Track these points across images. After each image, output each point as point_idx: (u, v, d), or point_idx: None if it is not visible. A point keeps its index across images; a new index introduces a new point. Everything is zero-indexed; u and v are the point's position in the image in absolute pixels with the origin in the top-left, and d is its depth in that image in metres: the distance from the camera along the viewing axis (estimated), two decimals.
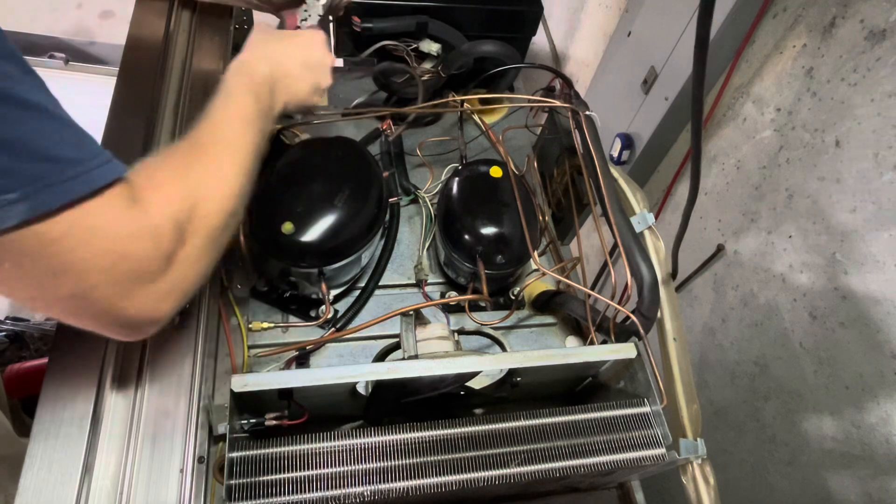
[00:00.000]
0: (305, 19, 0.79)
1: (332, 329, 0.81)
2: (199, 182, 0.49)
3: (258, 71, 0.62)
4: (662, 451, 0.61)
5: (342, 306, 0.84)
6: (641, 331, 0.65)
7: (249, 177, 0.55)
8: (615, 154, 1.19)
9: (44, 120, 0.37)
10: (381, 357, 0.79)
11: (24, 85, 0.36)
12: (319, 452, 0.55)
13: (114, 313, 0.42)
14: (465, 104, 1.00)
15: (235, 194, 0.52)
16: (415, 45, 1.00)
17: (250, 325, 0.77)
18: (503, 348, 0.84)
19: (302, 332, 0.81)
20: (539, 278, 0.86)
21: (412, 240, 0.94)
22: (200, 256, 0.48)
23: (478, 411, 0.78)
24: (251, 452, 0.54)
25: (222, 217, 0.50)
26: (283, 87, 0.65)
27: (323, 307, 0.80)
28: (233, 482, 0.52)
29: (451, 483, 0.55)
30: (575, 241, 0.89)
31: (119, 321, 0.44)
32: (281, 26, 0.81)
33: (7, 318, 1.62)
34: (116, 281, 0.41)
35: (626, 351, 0.65)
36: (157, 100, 0.79)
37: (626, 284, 0.72)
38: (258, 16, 0.96)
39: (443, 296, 0.88)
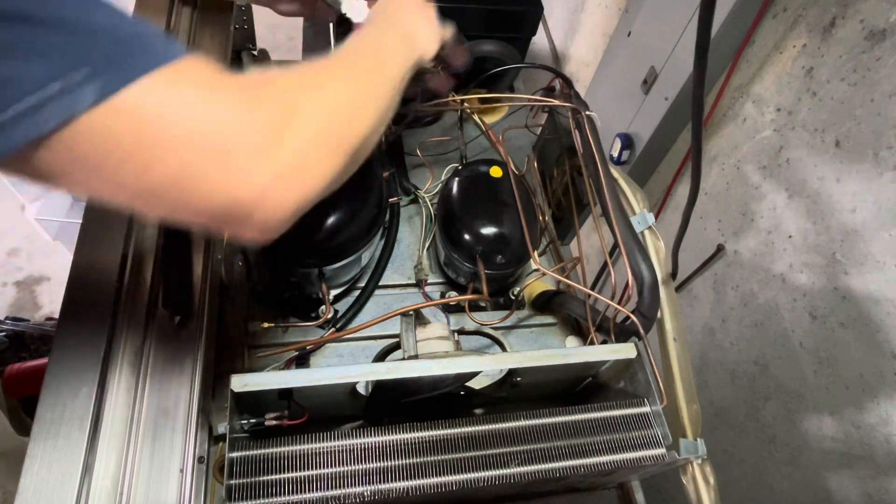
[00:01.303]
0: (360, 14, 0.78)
1: (332, 329, 0.81)
2: (325, 79, 0.45)
3: (402, 25, 0.62)
4: (662, 451, 0.61)
5: (342, 306, 0.84)
6: (641, 331, 0.65)
7: (384, 108, 0.51)
8: (615, 154, 1.19)
9: (102, 6, 0.34)
10: (381, 357, 0.79)
11: None
12: (319, 452, 0.55)
13: (223, 197, 0.37)
14: (465, 104, 1.00)
15: (365, 113, 0.47)
16: None
17: (250, 326, 0.77)
18: (503, 348, 0.84)
19: (302, 332, 0.81)
20: (539, 278, 0.86)
21: (412, 240, 0.94)
22: (322, 144, 0.42)
23: (478, 411, 0.78)
24: (251, 452, 0.54)
25: (347, 108, 0.45)
26: (419, 39, 0.64)
27: (323, 307, 0.80)
28: (233, 482, 0.52)
29: (451, 483, 0.55)
30: (575, 241, 0.89)
31: (233, 208, 0.38)
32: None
33: (7, 318, 1.62)
34: (213, 155, 0.36)
35: (626, 351, 0.65)
36: None
37: (626, 284, 0.72)
38: (262, 11, 0.96)
39: (443, 296, 0.88)
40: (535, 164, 1.04)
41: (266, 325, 0.78)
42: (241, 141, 0.37)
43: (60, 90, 0.31)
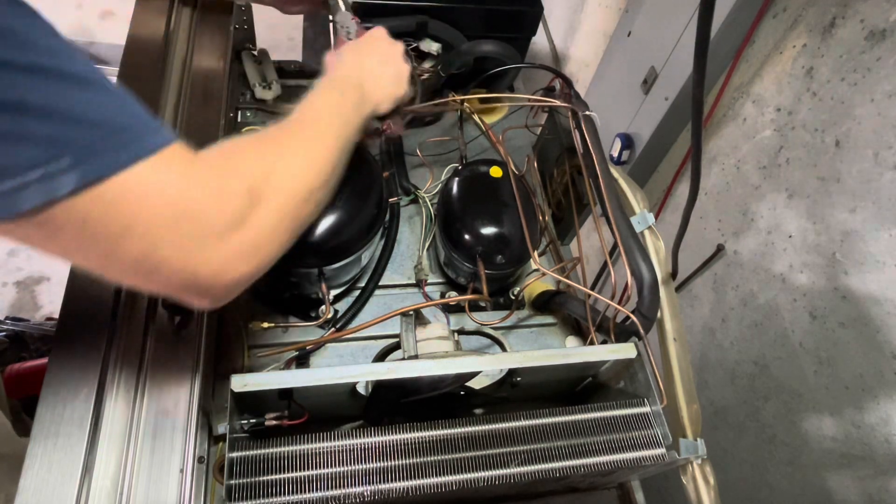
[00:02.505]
0: (349, 34, 0.78)
1: (332, 329, 0.81)
2: (282, 156, 0.49)
3: (351, 77, 0.65)
4: (662, 451, 0.61)
5: (342, 306, 0.84)
6: (641, 331, 0.65)
7: (336, 163, 0.55)
8: (615, 154, 1.19)
9: (90, 90, 0.37)
10: (381, 357, 0.79)
11: (71, 59, 0.36)
12: (319, 452, 0.55)
13: (186, 274, 0.42)
14: (465, 104, 1.00)
15: (318, 182, 0.52)
16: (415, 45, 1.00)
17: (250, 325, 0.77)
18: (503, 348, 0.84)
19: (302, 332, 0.81)
20: (539, 278, 0.86)
21: (412, 240, 0.94)
22: (275, 226, 0.47)
23: (478, 411, 0.78)
24: (251, 452, 0.54)
25: (300, 197, 0.50)
26: (371, 93, 0.66)
27: (323, 307, 0.80)
28: (233, 482, 0.52)
29: (451, 483, 0.55)
30: (575, 241, 0.89)
31: (193, 283, 0.43)
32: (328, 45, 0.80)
33: (7, 318, 1.62)
34: (182, 239, 0.41)
35: (626, 351, 0.65)
36: (156, 100, 0.79)
37: (626, 284, 0.72)
38: (262, 11, 0.96)
39: (443, 296, 0.88)
40: (535, 164, 1.04)
41: (266, 325, 0.78)
42: (209, 229, 0.42)
43: (42, 177, 0.34)
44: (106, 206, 0.37)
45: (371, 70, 0.67)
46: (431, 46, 1.00)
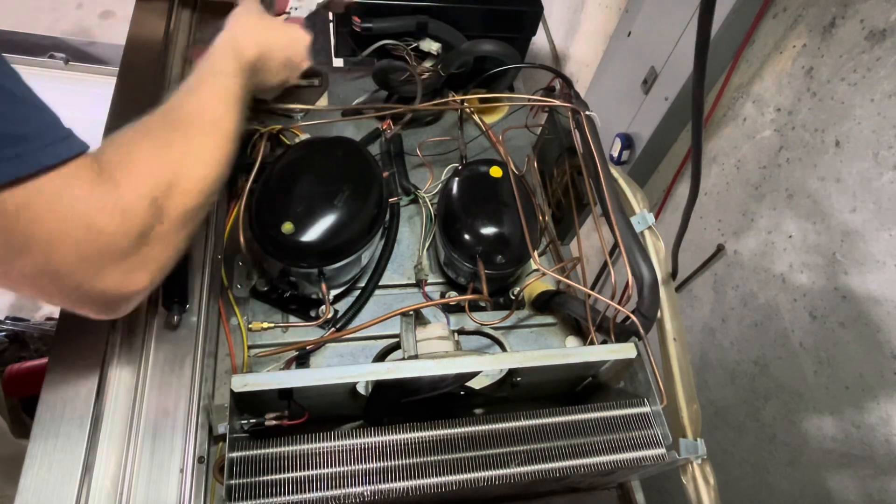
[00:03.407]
0: (296, 8, 0.78)
1: (332, 329, 0.81)
2: (180, 160, 0.48)
3: (246, 54, 0.62)
4: (662, 451, 0.61)
5: (342, 306, 0.84)
6: (641, 331, 0.65)
7: (229, 159, 0.54)
8: (615, 154, 1.19)
9: (4, 101, 0.36)
10: (381, 357, 0.79)
11: None
12: (319, 452, 0.55)
13: (84, 290, 0.42)
14: (465, 104, 1.00)
15: (216, 175, 0.52)
16: (415, 45, 1.00)
17: (250, 325, 0.77)
18: (503, 348, 0.84)
19: (302, 332, 0.81)
20: (539, 278, 0.86)
21: (412, 240, 0.94)
22: (177, 234, 0.47)
23: (478, 411, 0.78)
24: (251, 452, 0.54)
25: (201, 197, 0.49)
26: (262, 74, 0.65)
27: (323, 307, 0.80)
28: (233, 482, 0.52)
29: (451, 483, 0.55)
30: (575, 241, 0.89)
31: (91, 298, 0.43)
32: (269, 6, 0.79)
33: (7, 318, 1.62)
34: (84, 257, 0.40)
35: (626, 351, 0.65)
36: (157, 99, 0.78)
37: (626, 284, 0.72)
38: None
39: (443, 296, 0.88)
40: (535, 164, 1.04)
41: (266, 325, 0.78)
42: (112, 248, 0.41)
43: None
44: (8, 216, 0.36)
45: (271, 50, 0.65)
46: (431, 46, 1.00)
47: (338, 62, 1.21)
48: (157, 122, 0.51)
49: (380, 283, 0.87)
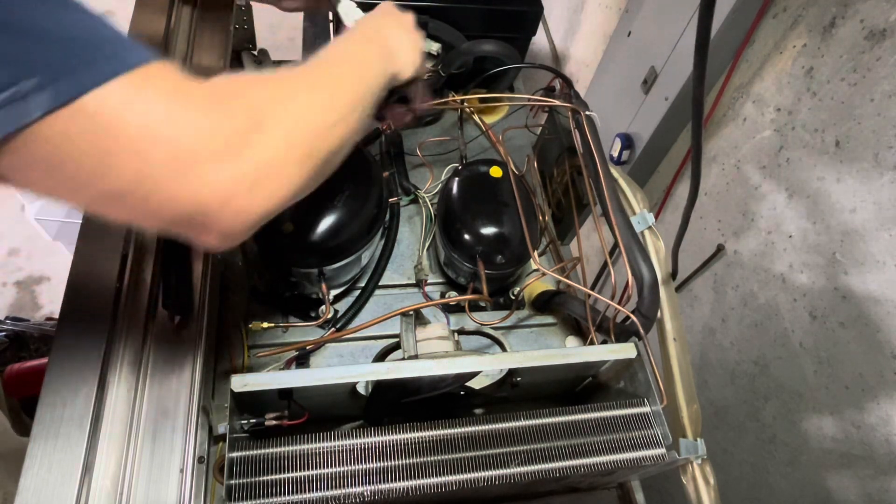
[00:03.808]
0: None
1: (332, 329, 0.81)
2: (287, 81, 0.44)
3: (375, 34, 0.62)
4: (662, 451, 0.61)
5: (342, 306, 0.84)
6: (641, 331, 0.65)
7: (356, 104, 0.50)
8: (615, 154, 1.19)
9: (68, 11, 0.34)
10: (381, 357, 0.79)
11: None
12: (319, 452, 0.55)
13: (182, 202, 0.37)
14: (465, 104, 1.00)
15: (334, 107, 0.47)
16: None
17: (250, 325, 0.77)
18: (503, 348, 0.84)
19: (302, 332, 0.81)
20: (539, 278, 0.86)
21: (412, 240, 0.94)
22: (287, 155, 0.41)
23: (478, 411, 0.78)
24: (251, 452, 0.54)
25: (315, 123, 0.44)
26: (395, 54, 0.63)
27: (323, 307, 0.80)
28: (233, 482, 0.52)
29: (451, 483, 0.55)
30: (575, 241, 0.89)
31: (192, 213, 0.38)
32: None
33: (7, 318, 1.62)
34: (173, 161, 0.36)
35: (626, 351, 0.65)
36: None
37: (626, 284, 0.72)
38: (262, 11, 0.96)
39: (443, 296, 0.88)
40: (535, 164, 1.04)
41: (266, 325, 0.78)
42: (203, 147, 0.37)
43: (10, 99, 0.31)
44: (85, 128, 0.33)
45: (391, 34, 0.64)
46: (432, 46, 1.00)
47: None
48: (293, 68, 0.47)
49: (380, 283, 0.87)
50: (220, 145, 0.37)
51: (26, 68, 0.31)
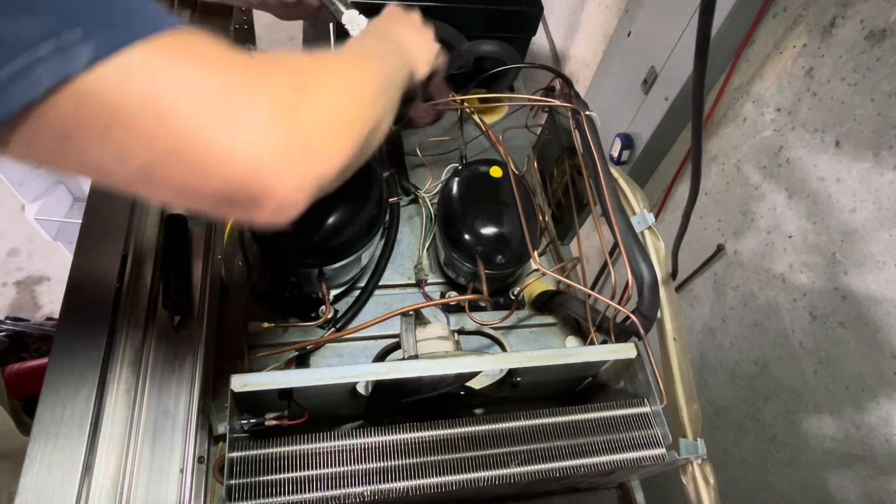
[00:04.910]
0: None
1: (332, 329, 0.81)
2: (324, 60, 0.44)
3: (387, 36, 0.63)
4: (662, 451, 0.61)
5: (342, 306, 0.84)
6: (641, 331, 0.65)
7: (389, 95, 0.50)
8: (615, 154, 1.19)
9: None
10: (381, 357, 0.79)
11: None
12: (319, 452, 0.55)
13: (235, 168, 0.34)
14: (465, 104, 1.00)
15: (374, 92, 0.47)
16: None
17: (250, 326, 0.77)
18: (503, 348, 0.84)
19: (302, 332, 0.81)
20: (539, 278, 0.86)
21: (412, 240, 0.94)
22: (335, 120, 0.40)
23: (478, 411, 0.78)
24: (251, 452, 0.54)
25: (356, 93, 0.44)
26: (408, 53, 0.64)
27: (323, 307, 0.80)
28: (233, 482, 0.52)
29: (451, 483, 0.55)
30: (575, 241, 0.89)
31: (245, 183, 0.35)
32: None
33: (7, 318, 1.62)
34: (224, 122, 0.34)
35: (626, 351, 0.65)
36: None
37: (626, 284, 0.72)
38: (265, 17, 0.96)
39: (443, 296, 0.88)
40: (535, 164, 1.04)
41: (266, 325, 0.78)
42: (252, 108, 0.35)
43: (54, 50, 0.29)
44: (130, 84, 0.31)
45: (401, 33, 0.65)
46: None
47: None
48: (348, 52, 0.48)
49: (380, 283, 0.87)
50: (270, 107, 0.36)
51: (70, 18, 0.29)
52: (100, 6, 0.31)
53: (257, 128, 0.35)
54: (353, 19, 0.76)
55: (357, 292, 0.85)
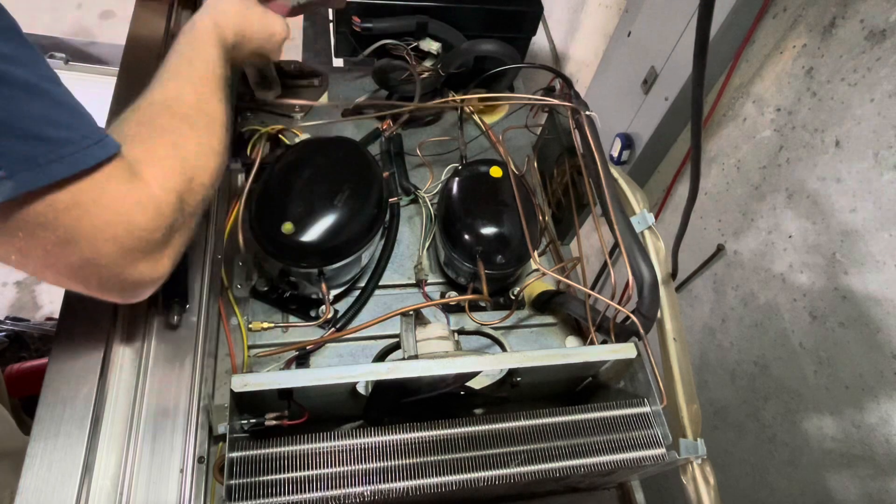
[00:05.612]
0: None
1: (332, 329, 0.81)
2: (196, 153, 0.52)
3: (227, 41, 0.63)
4: (662, 451, 0.61)
5: (342, 306, 0.84)
6: (641, 331, 0.65)
7: (227, 147, 0.58)
8: (615, 154, 1.19)
9: (34, 100, 0.38)
10: (381, 357, 0.79)
11: (15, 63, 0.37)
12: (319, 452, 0.55)
13: (120, 279, 0.45)
14: (465, 104, 1.00)
15: (221, 164, 0.55)
16: (415, 45, 1.00)
17: (250, 325, 0.77)
18: (503, 348, 0.84)
19: (302, 332, 0.81)
20: (539, 278, 0.86)
21: (412, 240, 0.94)
22: (193, 222, 0.51)
23: (478, 411, 0.78)
24: (251, 452, 0.54)
25: (212, 187, 0.54)
26: (233, 60, 0.66)
27: (323, 307, 0.80)
28: (233, 482, 0.52)
29: (451, 483, 0.55)
30: (575, 241, 0.89)
31: (124, 286, 0.46)
32: None
33: (7, 318, 1.62)
34: (125, 250, 0.43)
35: (626, 351, 0.65)
36: None
37: (626, 284, 0.72)
38: None
39: (443, 296, 0.88)
40: (535, 164, 1.04)
41: (266, 325, 0.78)
42: (149, 243, 0.45)
43: None
44: (55, 214, 0.39)
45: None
46: (431, 46, 1.00)
47: (338, 62, 1.21)
48: (165, 115, 0.52)
49: (380, 283, 0.87)
50: (163, 238, 0.46)
51: None
52: (25, 146, 0.37)
53: (144, 258, 0.46)
54: None
55: (357, 292, 0.85)
